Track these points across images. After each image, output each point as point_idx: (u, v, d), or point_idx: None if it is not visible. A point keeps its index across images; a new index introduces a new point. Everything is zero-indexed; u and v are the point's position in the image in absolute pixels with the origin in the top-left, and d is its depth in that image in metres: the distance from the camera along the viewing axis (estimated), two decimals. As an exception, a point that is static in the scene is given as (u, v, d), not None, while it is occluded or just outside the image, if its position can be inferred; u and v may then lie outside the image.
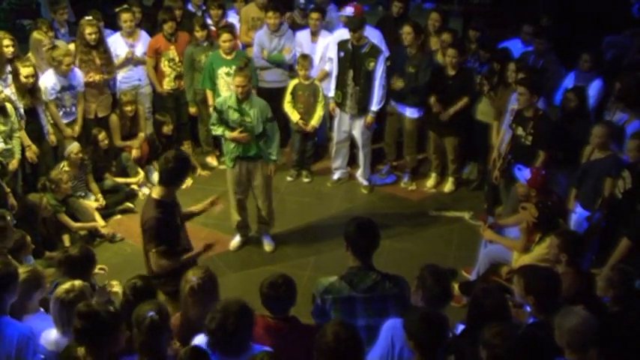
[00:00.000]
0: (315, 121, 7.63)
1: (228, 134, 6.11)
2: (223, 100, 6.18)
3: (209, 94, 7.52)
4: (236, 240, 6.73)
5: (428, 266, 3.80)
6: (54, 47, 7.05)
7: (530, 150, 6.08)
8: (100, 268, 4.77)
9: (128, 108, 7.45)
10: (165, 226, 4.58)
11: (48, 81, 6.91)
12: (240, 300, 3.47)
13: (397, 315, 3.69)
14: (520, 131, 6.19)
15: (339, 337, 3.11)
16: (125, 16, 7.61)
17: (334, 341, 3.10)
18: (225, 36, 7.25)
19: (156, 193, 4.67)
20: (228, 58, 7.32)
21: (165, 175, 4.63)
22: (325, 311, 3.88)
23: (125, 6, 7.78)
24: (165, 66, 7.75)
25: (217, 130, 6.22)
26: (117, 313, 3.41)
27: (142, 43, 7.76)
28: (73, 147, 6.88)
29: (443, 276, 3.78)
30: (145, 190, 7.52)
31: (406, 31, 7.11)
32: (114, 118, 7.50)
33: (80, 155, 6.92)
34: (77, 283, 3.82)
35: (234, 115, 6.08)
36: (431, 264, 3.86)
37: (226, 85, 7.27)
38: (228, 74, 7.26)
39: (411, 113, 7.45)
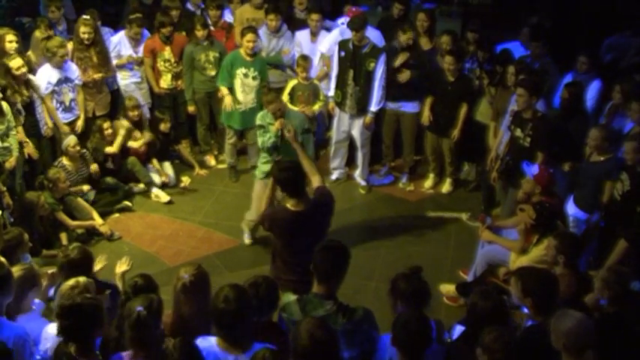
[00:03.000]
0: (316, 106, 7.39)
1: (273, 128, 6.04)
2: (261, 117, 6.19)
3: (224, 91, 7.40)
4: (248, 237, 6.73)
5: (394, 277, 3.77)
6: (48, 38, 7.01)
7: (528, 151, 6.08)
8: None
9: (135, 112, 7.42)
10: None
11: (44, 75, 6.88)
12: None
13: (348, 350, 3.57)
14: (519, 133, 6.19)
15: (314, 338, 3.08)
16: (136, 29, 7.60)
17: (309, 341, 3.08)
18: (249, 36, 7.16)
19: None
20: (249, 59, 7.26)
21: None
22: (283, 326, 3.84)
23: (137, 15, 7.69)
24: (161, 66, 7.74)
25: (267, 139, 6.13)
26: (96, 300, 3.45)
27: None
28: (70, 140, 6.87)
29: (411, 275, 3.77)
30: (155, 190, 7.50)
31: (409, 36, 7.14)
32: (124, 123, 7.45)
33: (77, 148, 6.90)
34: (81, 279, 3.83)
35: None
36: (397, 274, 3.80)
37: (242, 87, 7.27)
38: (246, 75, 7.26)
39: (409, 108, 7.46)
